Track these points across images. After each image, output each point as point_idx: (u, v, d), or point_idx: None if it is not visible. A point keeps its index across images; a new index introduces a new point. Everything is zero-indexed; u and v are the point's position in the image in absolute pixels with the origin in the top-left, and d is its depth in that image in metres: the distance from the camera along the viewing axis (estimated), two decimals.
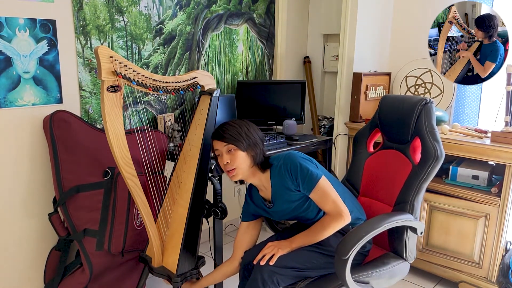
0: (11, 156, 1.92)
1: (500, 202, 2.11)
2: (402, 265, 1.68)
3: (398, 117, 1.79)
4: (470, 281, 2.25)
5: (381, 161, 1.87)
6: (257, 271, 1.52)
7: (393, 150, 1.83)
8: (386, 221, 1.54)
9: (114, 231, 1.97)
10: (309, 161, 1.59)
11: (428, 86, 2.74)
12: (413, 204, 1.67)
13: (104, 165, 1.99)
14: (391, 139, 1.86)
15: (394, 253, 1.71)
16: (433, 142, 1.66)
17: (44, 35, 1.92)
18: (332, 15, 3.12)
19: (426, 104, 1.71)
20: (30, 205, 2.01)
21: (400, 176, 1.75)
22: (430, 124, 1.70)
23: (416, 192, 1.67)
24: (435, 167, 1.65)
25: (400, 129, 1.79)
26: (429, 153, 1.65)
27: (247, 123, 1.62)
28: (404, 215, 1.62)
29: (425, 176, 1.66)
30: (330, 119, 3.24)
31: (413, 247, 1.70)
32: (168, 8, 2.38)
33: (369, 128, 1.95)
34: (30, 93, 1.92)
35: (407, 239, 1.67)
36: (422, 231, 1.65)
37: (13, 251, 1.99)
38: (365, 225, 1.52)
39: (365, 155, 1.95)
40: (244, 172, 1.59)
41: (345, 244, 1.45)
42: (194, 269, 1.81)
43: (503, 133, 2.10)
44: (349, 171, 1.99)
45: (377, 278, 1.59)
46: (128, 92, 2.27)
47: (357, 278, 1.55)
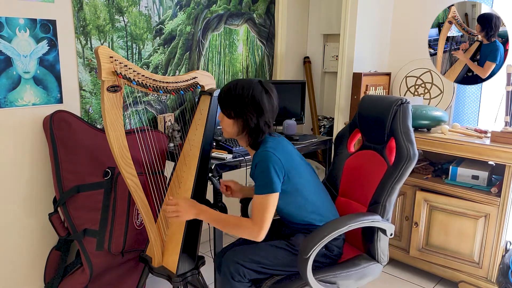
0: (11, 156, 1.92)
1: (500, 202, 2.12)
2: (374, 266, 1.65)
3: (375, 118, 1.77)
4: (470, 281, 2.25)
5: (359, 162, 1.85)
6: (224, 265, 1.57)
7: (371, 151, 1.81)
8: (350, 221, 1.52)
9: (114, 231, 1.97)
10: (279, 173, 1.50)
11: (428, 86, 2.74)
12: (385, 205, 1.63)
13: (104, 165, 1.99)
14: (369, 139, 1.84)
15: (367, 254, 1.69)
16: (407, 143, 1.62)
17: (44, 35, 1.92)
18: (332, 15, 3.12)
19: (402, 104, 1.68)
20: (30, 205, 2.01)
21: (376, 176, 1.72)
22: (405, 124, 1.66)
23: (388, 193, 1.63)
24: (408, 168, 1.61)
25: (377, 129, 1.77)
26: (402, 154, 1.62)
27: (250, 90, 1.53)
28: (372, 216, 1.59)
29: (397, 177, 1.62)
30: (330, 119, 3.24)
31: (385, 249, 1.67)
32: (168, 8, 2.38)
33: (349, 129, 1.94)
34: (30, 93, 1.92)
35: (378, 240, 1.64)
36: (392, 232, 1.62)
37: (13, 251, 1.99)
38: (328, 224, 1.50)
39: (345, 155, 1.93)
40: (230, 135, 1.62)
41: (307, 243, 1.45)
42: (194, 269, 1.81)
43: (503, 133, 2.10)
44: (329, 172, 1.97)
45: (344, 278, 1.57)
46: (128, 92, 2.27)
47: (323, 278, 1.53)
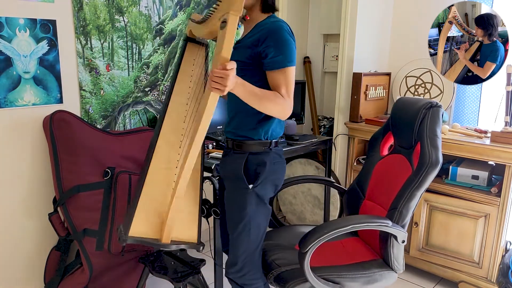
0: (11, 156, 1.92)
1: (500, 202, 2.12)
2: (386, 273, 1.61)
3: (405, 121, 1.73)
4: (470, 281, 2.25)
5: (388, 166, 1.81)
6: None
7: (400, 155, 1.76)
8: (355, 221, 1.50)
9: (114, 231, 1.97)
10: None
11: (428, 86, 2.74)
12: (401, 211, 1.58)
13: (104, 165, 1.99)
14: (399, 143, 1.80)
15: (383, 260, 1.66)
16: (430, 148, 1.57)
17: (44, 35, 1.92)
18: (332, 15, 3.12)
19: (431, 108, 1.63)
20: (30, 205, 2.01)
21: (400, 181, 1.67)
22: (433, 129, 1.61)
23: (407, 199, 1.58)
24: (429, 174, 1.55)
25: (406, 133, 1.73)
26: (424, 159, 1.56)
27: None
28: (381, 220, 1.53)
29: (418, 183, 1.56)
30: (330, 119, 3.24)
31: (398, 256, 1.62)
32: (168, 8, 2.38)
33: (382, 132, 1.90)
34: (30, 93, 1.92)
35: (391, 246, 1.59)
36: (404, 239, 1.57)
37: (13, 251, 1.99)
38: (332, 222, 1.49)
39: (376, 158, 1.89)
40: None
41: (306, 238, 1.45)
42: (197, 272, 1.82)
43: (503, 133, 2.10)
44: (359, 174, 1.94)
45: (350, 280, 1.55)
46: (128, 92, 2.28)
47: (326, 276, 1.53)
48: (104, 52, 2.15)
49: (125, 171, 1.99)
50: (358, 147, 2.75)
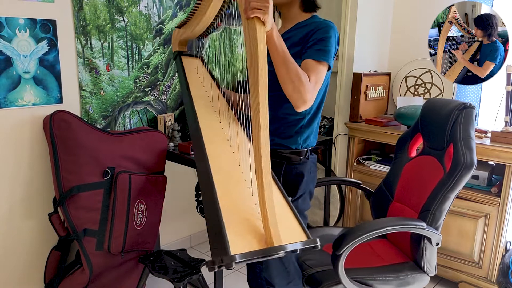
0: (11, 156, 1.92)
1: (500, 202, 2.12)
2: (419, 276, 1.60)
3: (436, 122, 1.71)
4: (470, 281, 2.25)
5: (418, 167, 1.79)
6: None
7: (430, 157, 1.74)
8: (390, 224, 1.48)
9: (114, 231, 1.97)
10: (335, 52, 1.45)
11: (428, 86, 2.74)
12: (435, 213, 1.56)
13: (104, 165, 1.99)
14: (430, 145, 1.77)
15: (414, 262, 1.65)
16: (465, 150, 1.54)
17: (44, 35, 1.92)
18: (332, 15, 3.12)
19: (464, 109, 1.60)
20: (30, 205, 2.01)
21: (431, 183, 1.64)
22: (466, 130, 1.59)
23: (440, 201, 1.55)
24: (464, 176, 1.52)
25: (437, 134, 1.70)
26: (458, 161, 1.53)
27: None
28: (416, 222, 1.51)
29: (451, 185, 1.53)
30: (330, 119, 3.24)
31: (431, 259, 1.60)
32: (168, 8, 2.38)
33: (410, 133, 1.89)
34: (30, 93, 1.92)
35: (424, 249, 1.57)
36: (439, 242, 1.55)
37: (13, 251, 1.99)
38: (367, 224, 1.47)
39: (404, 160, 1.87)
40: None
41: (341, 240, 1.44)
42: (197, 272, 1.81)
43: (503, 133, 2.10)
44: (387, 175, 1.93)
45: (383, 283, 1.54)
46: (128, 92, 2.27)
47: (359, 278, 1.52)
48: (104, 52, 2.15)
49: (125, 171, 2.00)
50: (358, 147, 2.75)
